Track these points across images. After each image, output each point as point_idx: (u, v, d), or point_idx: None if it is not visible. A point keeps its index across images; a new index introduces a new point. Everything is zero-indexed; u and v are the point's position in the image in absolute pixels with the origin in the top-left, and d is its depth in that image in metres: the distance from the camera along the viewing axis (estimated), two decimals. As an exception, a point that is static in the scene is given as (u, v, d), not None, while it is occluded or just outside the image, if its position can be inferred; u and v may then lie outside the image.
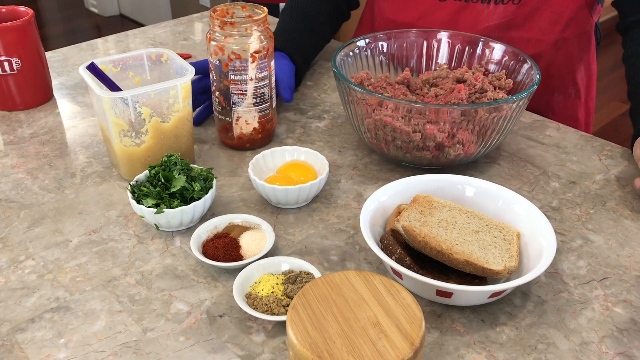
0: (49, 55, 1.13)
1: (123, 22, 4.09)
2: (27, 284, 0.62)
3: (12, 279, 0.62)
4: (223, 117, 0.82)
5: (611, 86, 3.00)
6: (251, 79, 0.78)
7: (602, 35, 1.10)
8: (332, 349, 0.43)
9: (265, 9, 0.77)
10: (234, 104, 0.79)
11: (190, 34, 1.26)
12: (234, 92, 0.78)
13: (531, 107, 1.03)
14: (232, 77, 0.77)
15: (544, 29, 0.99)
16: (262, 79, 0.79)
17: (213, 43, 0.76)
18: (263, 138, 0.84)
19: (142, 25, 3.94)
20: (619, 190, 0.77)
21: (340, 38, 2.58)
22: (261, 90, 0.79)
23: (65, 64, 1.12)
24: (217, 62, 0.77)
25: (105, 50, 1.18)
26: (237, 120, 0.81)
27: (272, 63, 0.79)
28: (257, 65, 0.77)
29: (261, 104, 0.81)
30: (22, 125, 0.91)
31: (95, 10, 4.25)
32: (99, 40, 1.22)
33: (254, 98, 0.79)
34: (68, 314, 0.58)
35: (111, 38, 1.23)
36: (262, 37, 0.76)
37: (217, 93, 0.80)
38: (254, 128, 0.82)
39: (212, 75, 0.80)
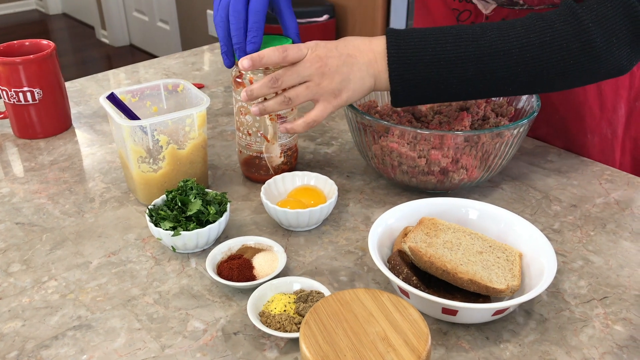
0: (67, 85, 1.18)
1: (133, 53, 4.18)
2: (50, 303, 0.65)
3: (36, 299, 0.65)
4: (256, 155, 0.84)
5: None
6: (292, 109, 0.81)
7: None
8: (343, 361, 0.45)
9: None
10: (280, 137, 0.82)
11: (202, 64, 1.31)
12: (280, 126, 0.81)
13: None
14: (280, 112, 0.80)
15: None
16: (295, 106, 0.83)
17: None
18: (290, 168, 0.87)
19: (152, 55, 4.02)
20: (619, 213, 0.80)
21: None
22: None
23: (83, 93, 1.16)
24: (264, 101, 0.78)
25: (120, 81, 1.23)
26: (280, 153, 0.84)
27: None
28: None
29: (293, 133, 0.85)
30: (43, 153, 0.95)
31: (106, 41, 4.35)
32: (114, 71, 1.27)
33: None
34: (90, 331, 0.61)
35: (126, 69, 1.28)
36: None
37: (260, 132, 0.81)
38: (293, 156, 0.86)
39: (254, 117, 0.80)
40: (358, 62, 0.72)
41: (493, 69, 0.70)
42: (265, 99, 0.73)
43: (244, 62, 0.70)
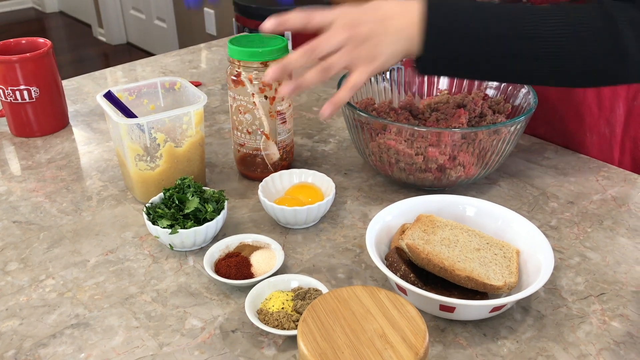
0: (64, 83, 1.17)
1: (130, 51, 4.18)
2: (48, 301, 0.65)
3: (33, 297, 0.65)
4: (253, 152, 0.83)
5: None
6: (289, 105, 0.81)
7: None
8: (341, 359, 0.45)
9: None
10: (279, 134, 0.82)
11: (200, 62, 1.30)
12: (280, 122, 0.81)
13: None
14: (278, 108, 0.80)
15: None
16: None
17: (256, 82, 0.77)
18: (289, 163, 0.87)
19: (149, 53, 4.01)
20: (616, 209, 0.80)
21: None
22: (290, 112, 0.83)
23: (80, 92, 1.16)
24: (264, 99, 0.79)
25: (118, 79, 1.23)
26: (279, 150, 0.84)
27: None
28: None
29: (291, 128, 0.84)
30: (40, 151, 0.95)
31: (103, 39, 4.34)
32: (111, 69, 1.27)
33: (289, 123, 0.83)
34: (87, 329, 0.61)
35: (123, 67, 1.27)
36: None
37: (260, 130, 0.81)
38: (291, 152, 0.86)
39: (255, 114, 0.80)
40: (392, 25, 0.69)
41: (527, 53, 0.68)
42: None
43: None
